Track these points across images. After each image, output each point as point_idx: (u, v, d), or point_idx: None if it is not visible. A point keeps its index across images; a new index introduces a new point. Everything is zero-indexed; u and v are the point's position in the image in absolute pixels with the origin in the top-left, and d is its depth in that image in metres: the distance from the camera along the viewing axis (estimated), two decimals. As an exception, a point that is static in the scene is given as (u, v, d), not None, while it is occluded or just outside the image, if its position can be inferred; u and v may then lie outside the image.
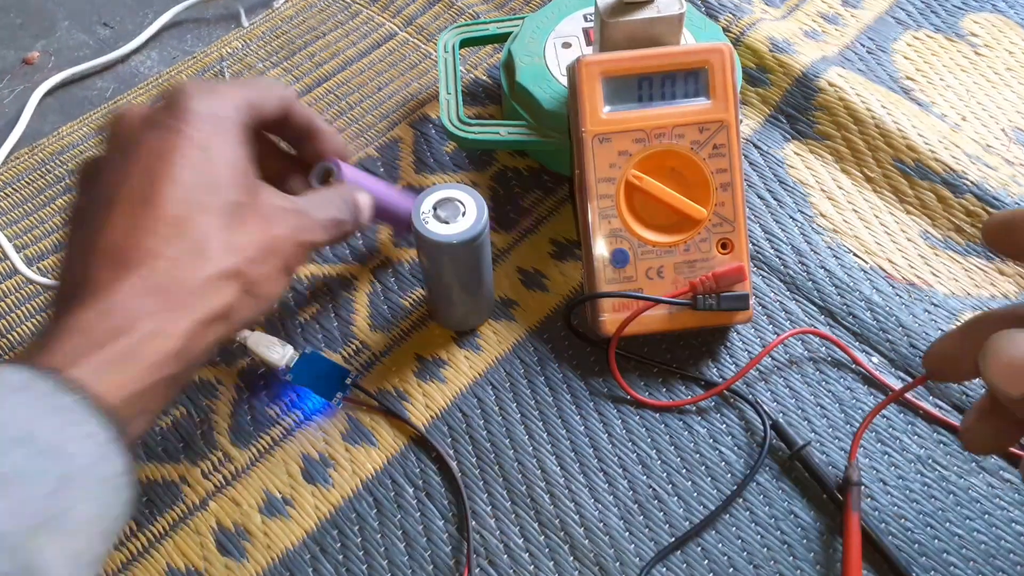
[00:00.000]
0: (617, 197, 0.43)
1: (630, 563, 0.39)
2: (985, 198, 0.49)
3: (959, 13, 0.61)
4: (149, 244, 0.30)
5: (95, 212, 0.32)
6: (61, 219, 0.51)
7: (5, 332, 0.47)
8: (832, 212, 0.50)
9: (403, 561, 0.39)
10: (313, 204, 0.37)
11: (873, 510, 0.40)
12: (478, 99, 0.56)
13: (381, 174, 0.53)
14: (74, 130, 0.56)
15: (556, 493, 0.41)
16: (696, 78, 0.43)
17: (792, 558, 0.39)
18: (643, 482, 0.41)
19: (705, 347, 0.45)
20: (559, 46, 0.51)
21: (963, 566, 0.39)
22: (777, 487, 0.41)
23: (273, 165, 0.40)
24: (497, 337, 0.46)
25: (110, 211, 0.31)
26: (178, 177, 0.31)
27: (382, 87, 0.57)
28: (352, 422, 0.43)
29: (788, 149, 0.53)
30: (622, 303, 0.43)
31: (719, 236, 0.43)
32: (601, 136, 0.43)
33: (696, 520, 0.40)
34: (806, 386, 0.44)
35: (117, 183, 0.32)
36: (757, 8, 0.60)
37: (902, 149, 0.52)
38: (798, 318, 0.46)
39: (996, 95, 0.56)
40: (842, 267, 0.48)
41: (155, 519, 0.41)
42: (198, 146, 0.32)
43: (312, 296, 0.48)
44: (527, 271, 0.48)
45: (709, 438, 0.43)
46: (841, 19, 0.60)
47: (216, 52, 0.60)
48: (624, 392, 0.44)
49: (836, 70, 0.55)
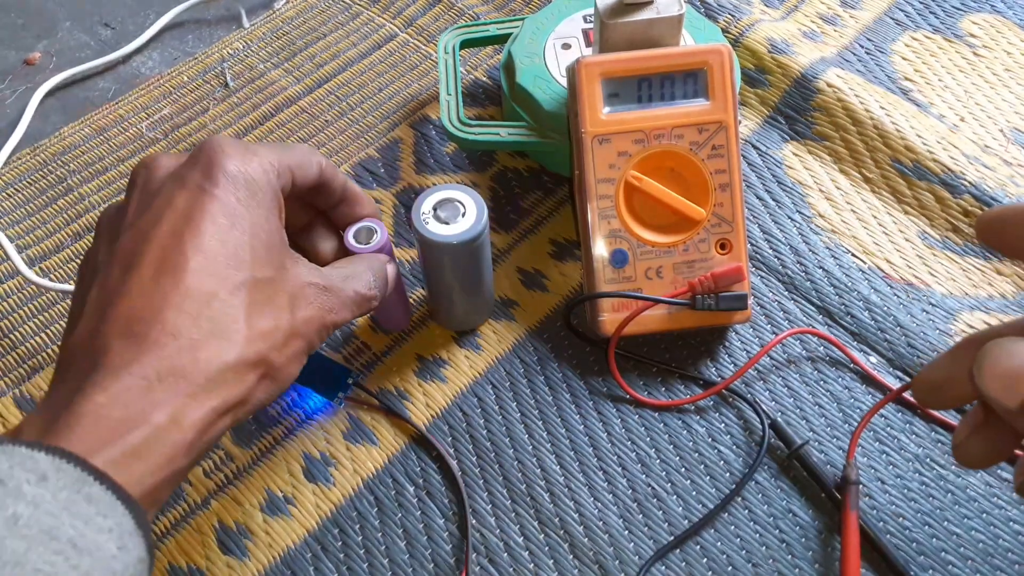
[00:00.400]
0: (616, 198, 0.43)
1: (629, 561, 0.39)
2: (983, 198, 0.50)
3: (958, 14, 0.61)
4: (170, 320, 0.29)
5: (114, 270, 0.30)
6: (63, 219, 0.51)
7: (7, 332, 0.47)
8: (830, 212, 0.51)
9: (404, 559, 0.40)
10: (343, 278, 0.35)
11: (871, 509, 0.40)
12: (478, 100, 0.56)
13: (381, 175, 0.53)
14: (75, 131, 0.56)
15: (556, 492, 0.41)
16: (695, 79, 0.43)
17: (790, 557, 0.39)
18: (642, 481, 0.42)
19: (704, 347, 0.46)
20: (559, 47, 0.51)
21: (961, 565, 0.39)
22: (776, 486, 0.41)
23: (299, 216, 0.38)
24: (497, 337, 0.46)
25: (130, 273, 0.29)
26: (206, 246, 0.30)
27: (383, 88, 0.58)
28: (353, 421, 0.43)
29: (787, 150, 0.53)
30: (621, 303, 0.43)
31: (718, 236, 0.44)
32: (601, 137, 0.43)
33: (695, 519, 0.40)
34: (804, 386, 0.44)
35: (140, 242, 0.30)
36: (756, 9, 0.61)
37: (900, 150, 0.52)
38: (796, 318, 0.47)
39: (994, 96, 0.56)
40: (840, 267, 0.48)
41: (157, 518, 0.41)
42: (229, 213, 0.31)
43: (313, 296, 0.48)
44: (527, 271, 0.49)
45: (708, 437, 0.43)
46: (840, 20, 0.60)
47: (217, 53, 0.60)
48: (623, 391, 0.44)
49: (835, 71, 0.55)
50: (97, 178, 0.53)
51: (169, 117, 0.56)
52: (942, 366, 0.30)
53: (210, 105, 0.57)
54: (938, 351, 0.45)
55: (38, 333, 0.47)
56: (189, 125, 0.56)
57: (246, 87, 0.58)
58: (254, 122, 0.56)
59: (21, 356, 0.46)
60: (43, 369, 0.46)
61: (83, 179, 0.53)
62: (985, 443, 0.29)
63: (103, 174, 0.53)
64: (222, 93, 0.57)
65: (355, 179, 0.53)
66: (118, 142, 0.55)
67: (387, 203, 0.52)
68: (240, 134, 0.55)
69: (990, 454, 0.30)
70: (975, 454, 0.30)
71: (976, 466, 0.31)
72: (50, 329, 0.47)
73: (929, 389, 0.31)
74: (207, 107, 0.57)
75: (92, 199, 0.52)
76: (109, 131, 0.56)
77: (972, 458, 0.30)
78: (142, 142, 0.55)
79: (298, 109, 0.56)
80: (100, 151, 0.55)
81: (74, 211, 0.52)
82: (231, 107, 0.57)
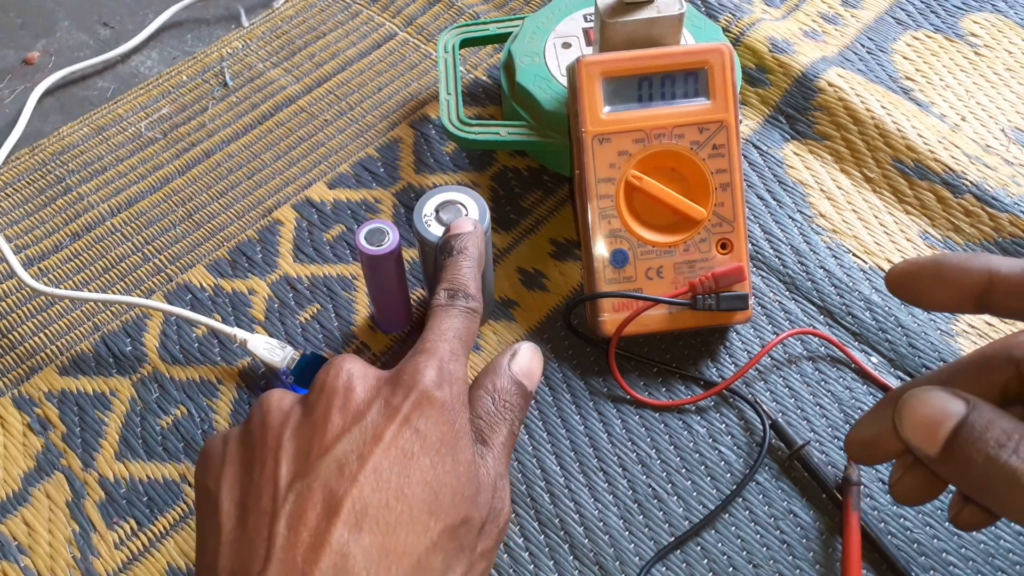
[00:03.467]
0: (617, 197, 0.43)
1: (630, 562, 0.39)
2: (984, 198, 0.49)
3: (959, 13, 0.61)
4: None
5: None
6: (62, 219, 0.51)
7: (6, 332, 0.47)
8: (831, 212, 0.50)
9: (403, 561, 0.39)
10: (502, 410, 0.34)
11: (872, 510, 0.40)
12: (478, 99, 0.56)
13: (381, 174, 0.53)
14: (74, 130, 0.56)
15: (556, 492, 0.41)
16: (696, 78, 0.43)
17: (791, 558, 0.39)
18: (643, 481, 0.41)
19: (704, 347, 0.46)
20: (559, 46, 0.51)
21: (962, 566, 0.39)
22: (776, 487, 0.41)
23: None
24: (497, 337, 0.46)
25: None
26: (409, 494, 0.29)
27: (382, 87, 0.57)
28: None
29: (787, 149, 0.53)
30: (622, 303, 0.43)
31: (718, 236, 0.43)
32: (601, 136, 0.43)
33: (695, 519, 0.40)
34: (805, 386, 0.44)
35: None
36: (757, 8, 0.60)
37: (901, 149, 0.52)
38: (797, 318, 0.47)
39: (996, 95, 0.56)
40: (841, 267, 0.48)
41: (155, 519, 0.41)
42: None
43: (312, 296, 0.48)
44: (527, 271, 0.49)
45: (708, 438, 0.43)
46: (841, 19, 0.60)
47: (216, 52, 0.60)
48: (624, 392, 0.44)
49: (836, 70, 0.55)
50: (96, 178, 0.53)
51: (168, 116, 0.56)
52: (869, 424, 0.31)
53: (209, 104, 0.57)
54: (939, 352, 0.45)
55: (36, 333, 0.47)
56: (188, 124, 0.56)
57: (245, 86, 0.58)
58: (253, 121, 0.56)
59: (20, 356, 0.46)
60: (41, 369, 0.45)
61: (82, 179, 0.53)
62: (918, 482, 0.30)
63: (102, 174, 0.53)
64: (221, 92, 0.57)
65: (355, 179, 0.53)
66: (117, 141, 0.55)
67: (387, 203, 0.51)
68: (239, 133, 0.55)
69: (923, 492, 0.30)
70: (910, 493, 0.30)
71: (912, 503, 0.31)
72: (48, 329, 0.47)
73: (860, 447, 0.31)
74: (206, 106, 0.57)
75: (91, 199, 0.52)
76: (108, 130, 0.55)
77: (907, 497, 0.31)
78: (141, 141, 0.55)
79: (297, 108, 0.56)
80: (99, 151, 0.54)
81: (73, 211, 0.52)
82: (230, 106, 0.56)
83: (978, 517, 0.29)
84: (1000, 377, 0.28)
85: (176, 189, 0.53)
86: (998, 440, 0.25)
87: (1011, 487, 0.25)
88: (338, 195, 0.52)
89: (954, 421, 0.26)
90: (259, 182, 0.53)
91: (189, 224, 0.51)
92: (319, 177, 0.53)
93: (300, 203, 0.52)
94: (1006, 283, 0.28)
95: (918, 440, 0.26)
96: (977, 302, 0.29)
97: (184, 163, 0.54)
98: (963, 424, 0.26)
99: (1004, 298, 0.29)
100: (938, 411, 0.26)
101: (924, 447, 0.26)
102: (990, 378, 0.29)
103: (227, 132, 0.55)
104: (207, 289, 0.48)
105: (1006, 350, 0.29)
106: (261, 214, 0.51)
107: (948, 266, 0.29)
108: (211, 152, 0.54)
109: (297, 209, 0.51)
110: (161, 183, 0.53)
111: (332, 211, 0.51)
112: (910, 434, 0.27)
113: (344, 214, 0.51)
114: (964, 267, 0.29)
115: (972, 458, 0.25)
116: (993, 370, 0.29)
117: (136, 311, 0.48)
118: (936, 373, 0.30)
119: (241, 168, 0.53)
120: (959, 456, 0.26)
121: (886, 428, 0.28)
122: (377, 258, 0.40)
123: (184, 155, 0.54)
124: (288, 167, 0.53)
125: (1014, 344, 0.28)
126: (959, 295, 0.29)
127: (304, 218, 0.51)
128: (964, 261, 0.29)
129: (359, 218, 0.51)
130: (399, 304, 0.44)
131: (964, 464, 0.26)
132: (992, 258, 0.29)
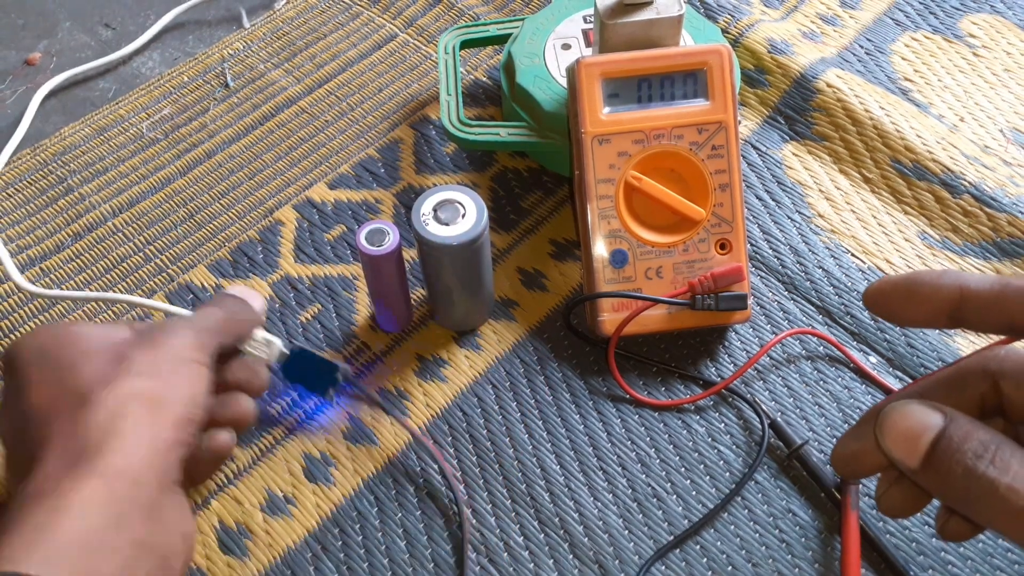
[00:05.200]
0: (616, 198, 0.43)
1: (629, 561, 0.39)
2: (983, 199, 0.50)
3: (957, 14, 0.61)
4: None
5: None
6: (63, 220, 0.51)
7: (7, 332, 0.47)
8: (830, 213, 0.51)
9: (404, 559, 0.40)
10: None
11: (871, 509, 0.40)
12: (478, 100, 0.57)
13: (381, 175, 0.53)
14: (76, 131, 0.56)
15: (556, 492, 0.41)
16: (695, 79, 0.43)
17: (790, 557, 0.40)
18: (642, 481, 0.42)
19: (703, 347, 0.46)
20: (559, 47, 0.51)
21: (961, 564, 0.39)
22: (775, 486, 0.41)
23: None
24: (497, 337, 0.46)
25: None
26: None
27: (383, 88, 0.58)
28: (353, 421, 0.44)
29: (786, 150, 0.53)
30: (621, 303, 0.43)
31: (717, 236, 0.44)
32: (600, 137, 0.43)
33: (695, 519, 0.40)
34: (804, 385, 0.44)
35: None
36: (756, 9, 0.61)
37: (900, 150, 0.52)
38: (796, 318, 0.47)
39: (994, 96, 0.56)
40: (840, 267, 0.48)
41: (157, 518, 0.41)
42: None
43: (313, 296, 0.48)
44: (527, 271, 0.49)
45: (708, 437, 0.43)
46: (839, 20, 0.61)
47: (217, 53, 0.60)
48: (623, 391, 0.44)
49: (834, 71, 0.55)
50: (97, 178, 0.53)
51: (169, 117, 0.56)
52: (852, 439, 0.31)
53: (210, 105, 0.57)
54: (938, 351, 0.45)
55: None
56: (189, 125, 0.56)
57: (246, 87, 0.58)
58: (254, 122, 0.56)
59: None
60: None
61: (83, 179, 0.53)
62: (903, 494, 0.30)
63: (103, 174, 0.53)
64: (222, 93, 0.57)
65: (355, 179, 0.53)
66: (118, 142, 0.55)
67: (387, 203, 0.52)
68: (240, 134, 0.55)
69: (909, 504, 0.31)
70: (895, 505, 0.31)
71: (899, 516, 0.32)
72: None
73: (845, 462, 0.32)
74: (207, 107, 0.57)
75: (92, 199, 0.52)
76: (109, 131, 0.56)
77: (893, 509, 0.31)
78: (142, 142, 0.55)
79: (298, 109, 0.56)
80: (100, 151, 0.55)
81: (74, 211, 0.52)
82: (231, 107, 0.57)
83: (963, 528, 0.30)
84: (976, 390, 0.29)
85: (177, 189, 0.53)
86: (975, 451, 0.26)
87: (989, 497, 0.25)
88: (339, 195, 0.52)
89: (933, 433, 0.26)
90: (260, 182, 0.53)
91: (190, 224, 0.51)
92: (320, 178, 0.53)
93: (301, 203, 0.52)
94: (977, 299, 0.29)
95: (899, 453, 0.27)
96: (950, 318, 0.30)
97: (185, 164, 0.54)
98: (941, 436, 0.26)
99: (975, 313, 0.29)
100: (917, 424, 0.27)
101: (905, 460, 0.27)
102: (966, 392, 0.29)
103: (228, 133, 0.55)
104: (208, 289, 0.48)
105: (981, 363, 0.29)
106: (262, 214, 0.52)
107: (920, 284, 0.30)
108: (212, 153, 0.54)
109: (298, 209, 0.52)
110: (162, 184, 0.53)
111: (333, 211, 0.51)
112: (891, 447, 0.27)
113: (345, 214, 0.51)
114: (935, 284, 0.30)
115: (951, 470, 0.26)
116: (969, 384, 0.29)
117: (138, 311, 0.48)
118: (915, 387, 0.31)
119: (242, 169, 0.54)
120: (939, 468, 0.26)
121: (869, 442, 0.29)
122: (377, 258, 0.40)
123: (185, 156, 0.54)
124: (289, 168, 0.54)
125: (988, 357, 0.29)
126: (932, 312, 0.30)
127: (305, 218, 0.51)
128: (935, 278, 0.30)
129: (360, 218, 0.51)
130: (399, 304, 0.44)
131: (944, 476, 0.26)
132: (962, 275, 0.29)
